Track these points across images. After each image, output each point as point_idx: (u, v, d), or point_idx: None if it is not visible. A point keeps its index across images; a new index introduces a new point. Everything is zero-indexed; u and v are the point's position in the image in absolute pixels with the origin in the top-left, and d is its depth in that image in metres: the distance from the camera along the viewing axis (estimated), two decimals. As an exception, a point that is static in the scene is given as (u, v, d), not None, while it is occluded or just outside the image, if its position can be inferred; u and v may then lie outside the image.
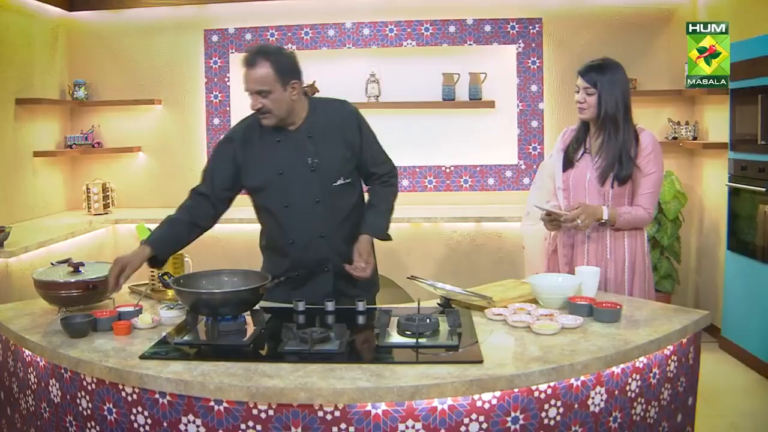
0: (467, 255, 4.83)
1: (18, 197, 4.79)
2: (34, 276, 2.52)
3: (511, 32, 5.09)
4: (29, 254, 3.90)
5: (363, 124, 2.75)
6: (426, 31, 5.12)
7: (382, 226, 2.75)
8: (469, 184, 5.22)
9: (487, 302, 2.42)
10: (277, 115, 2.59)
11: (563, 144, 3.03)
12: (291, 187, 2.65)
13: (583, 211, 2.76)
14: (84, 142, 5.30)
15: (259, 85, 2.53)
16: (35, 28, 5.02)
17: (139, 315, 2.36)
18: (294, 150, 2.65)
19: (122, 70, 5.42)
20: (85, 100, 5.33)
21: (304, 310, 2.47)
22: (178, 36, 5.36)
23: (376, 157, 2.78)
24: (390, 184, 2.82)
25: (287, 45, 5.17)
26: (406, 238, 4.83)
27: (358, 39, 5.16)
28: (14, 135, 4.75)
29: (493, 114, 5.18)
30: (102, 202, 5.14)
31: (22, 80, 4.83)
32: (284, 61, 2.55)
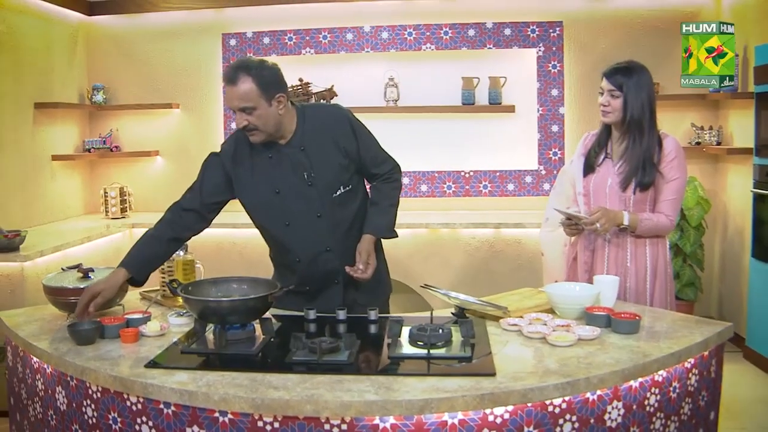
0: (486, 262, 4.77)
1: (36, 201, 4.82)
2: (44, 282, 2.51)
3: (531, 36, 5.02)
4: (44, 258, 3.91)
5: (357, 127, 2.65)
6: (445, 34, 5.08)
7: (384, 225, 2.66)
8: (489, 190, 5.17)
9: (502, 312, 2.37)
10: (265, 131, 2.49)
11: (584, 149, 2.97)
12: (290, 204, 2.57)
13: (603, 214, 2.71)
14: (102, 146, 5.32)
15: (242, 102, 2.41)
16: (55, 32, 5.05)
17: (147, 322, 2.33)
18: (288, 165, 2.57)
19: (140, 74, 5.44)
20: (103, 104, 5.35)
21: (314, 319, 2.43)
22: (196, 40, 5.36)
23: (376, 157, 2.70)
24: (393, 179, 2.74)
25: (305, 49, 5.16)
26: (424, 244, 4.78)
27: (376, 43, 5.13)
28: (33, 139, 4.78)
29: (513, 118, 5.13)
30: (120, 206, 5.14)
31: (41, 84, 4.87)
32: (267, 75, 2.44)
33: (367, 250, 2.58)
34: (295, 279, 2.60)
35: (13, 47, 4.57)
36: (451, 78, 5.12)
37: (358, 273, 2.53)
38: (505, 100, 5.08)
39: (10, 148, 4.55)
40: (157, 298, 2.74)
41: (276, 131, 2.52)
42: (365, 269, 2.54)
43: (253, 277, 2.42)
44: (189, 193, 2.69)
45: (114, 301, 2.49)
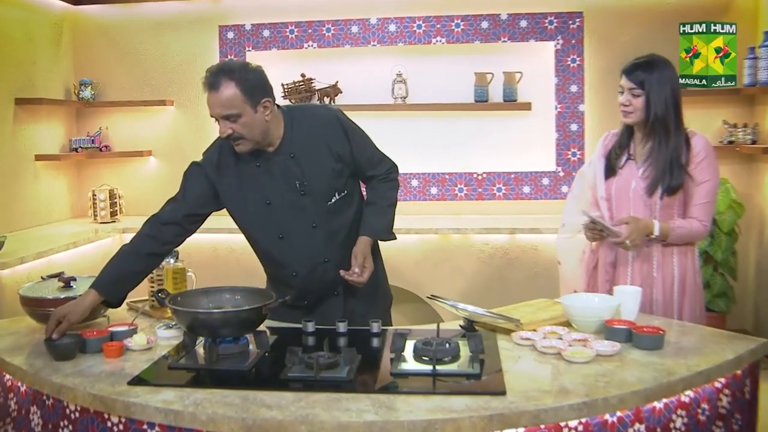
0: (500, 269, 4.75)
1: (18, 204, 4.81)
2: (20, 292, 2.50)
3: (549, 28, 5.00)
4: (25, 266, 3.89)
5: (349, 127, 2.62)
6: (457, 27, 5.06)
7: (382, 226, 2.64)
8: (503, 193, 5.14)
9: (514, 325, 2.34)
10: (251, 139, 2.46)
11: (604, 150, 2.95)
12: (282, 216, 2.56)
13: (634, 229, 2.68)
14: (90, 146, 5.32)
15: (225, 110, 2.39)
16: (37, 22, 5.04)
17: (133, 335, 2.32)
18: (278, 174, 2.55)
19: (132, 68, 5.44)
20: (91, 101, 5.35)
21: (313, 332, 2.42)
22: (192, 32, 5.36)
23: (372, 158, 2.69)
24: (390, 179, 2.73)
25: (308, 42, 5.15)
26: (433, 251, 4.76)
27: (383, 36, 5.11)
28: (14, 137, 4.78)
29: (529, 117, 5.11)
30: (109, 209, 5.15)
31: (23, 79, 4.85)
32: (251, 79, 2.40)
33: (363, 253, 2.56)
34: (292, 293, 2.56)
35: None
36: (463, 73, 5.09)
37: (354, 277, 2.51)
38: (520, 96, 5.05)
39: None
40: (144, 308, 2.73)
41: (263, 139, 2.50)
42: (361, 273, 2.52)
43: (247, 287, 2.42)
44: (169, 204, 2.67)
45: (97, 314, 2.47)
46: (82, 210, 5.44)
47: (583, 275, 3.01)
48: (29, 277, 3.80)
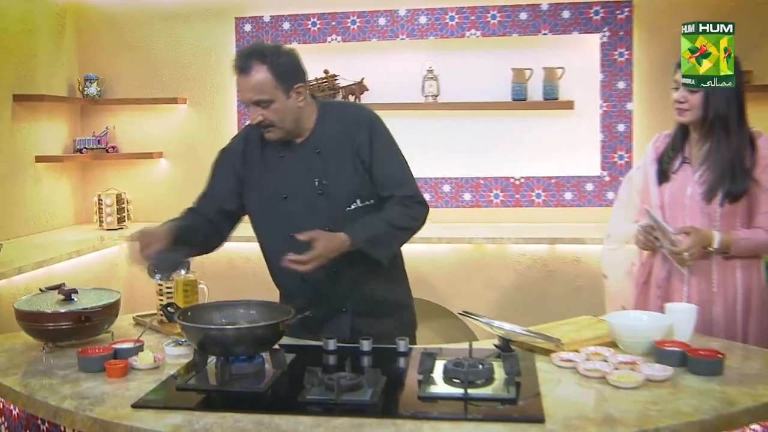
0: (538, 283, 4.72)
1: (16, 209, 4.84)
2: (16, 305, 2.51)
3: (595, 18, 4.96)
4: (23, 276, 3.91)
5: (377, 134, 2.62)
6: (493, 18, 5.04)
7: (363, 234, 2.52)
8: (543, 199, 5.11)
9: (555, 345, 2.32)
10: (282, 127, 2.52)
11: (655, 153, 2.92)
12: (296, 213, 2.58)
13: (695, 241, 2.64)
14: (96, 146, 5.35)
15: (256, 94, 2.46)
16: (37, 12, 5.08)
17: (139, 352, 2.32)
18: (300, 168, 2.59)
19: (141, 63, 5.47)
20: (97, 98, 5.39)
21: (334, 350, 2.42)
22: (206, 25, 5.38)
23: (391, 177, 2.62)
24: (407, 205, 2.62)
25: (331, 36, 5.16)
26: (467, 262, 4.74)
27: (413, 29, 5.11)
28: (12, 137, 4.80)
29: (572, 116, 5.07)
30: (116, 215, 5.17)
31: (22, 74, 4.88)
32: (285, 63, 2.47)
33: (325, 246, 2.46)
34: (300, 301, 2.58)
35: (-15, 31, 4.59)
36: (499, 69, 5.07)
37: (293, 264, 2.44)
38: (562, 94, 5.02)
39: (-16, 148, 4.57)
40: (152, 323, 2.74)
41: (295, 127, 2.55)
42: (305, 262, 2.44)
43: (263, 301, 2.42)
44: (201, 200, 2.75)
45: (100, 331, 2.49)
46: (87, 216, 5.47)
47: (631, 290, 2.98)
48: (27, 289, 3.81)
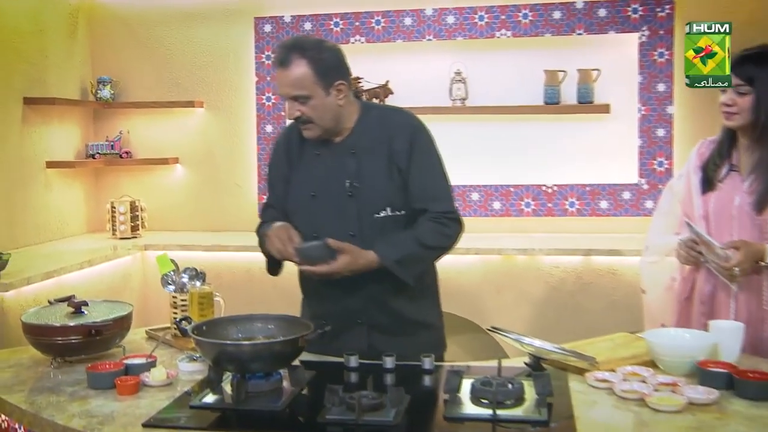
0: (572, 296, 4.68)
1: (26, 217, 4.87)
2: (23, 318, 2.53)
3: (633, 17, 4.93)
4: (32, 287, 3.93)
5: (419, 144, 2.62)
6: (524, 18, 5.02)
7: (392, 253, 2.53)
8: (576, 208, 5.08)
9: (589, 363, 2.30)
10: (321, 125, 2.57)
11: (699, 160, 2.89)
12: (322, 214, 2.61)
13: (746, 256, 2.60)
14: (109, 152, 5.40)
15: (295, 90, 2.51)
16: (49, 11, 5.12)
17: (151, 368, 2.33)
18: (332, 167, 2.62)
19: (156, 65, 5.51)
20: (111, 101, 5.42)
21: (356, 367, 2.42)
22: (224, 25, 5.41)
23: (427, 189, 2.62)
24: (441, 223, 2.61)
25: (355, 36, 5.17)
26: (496, 274, 4.72)
27: (440, 29, 5.10)
28: (21, 141, 4.84)
29: (608, 120, 5.04)
30: (130, 223, 5.19)
31: (32, 76, 4.92)
32: (326, 58, 2.52)
33: (348, 265, 2.47)
34: (318, 309, 2.65)
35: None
36: (531, 71, 5.06)
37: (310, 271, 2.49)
38: (597, 98, 4.99)
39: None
40: (165, 337, 2.74)
41: (334, 125, 2.59)
42: (322, 273, 2.47)
43: (281, 315, 2.43)
44: (266, 211, 2.85)
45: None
46: (100, 224, 5.50)
47: (672, 306, 2.95)
48: (36, 301, 3.84)
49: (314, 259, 2.43)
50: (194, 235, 5.25)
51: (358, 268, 2.49)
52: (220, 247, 4.87)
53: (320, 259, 2.42)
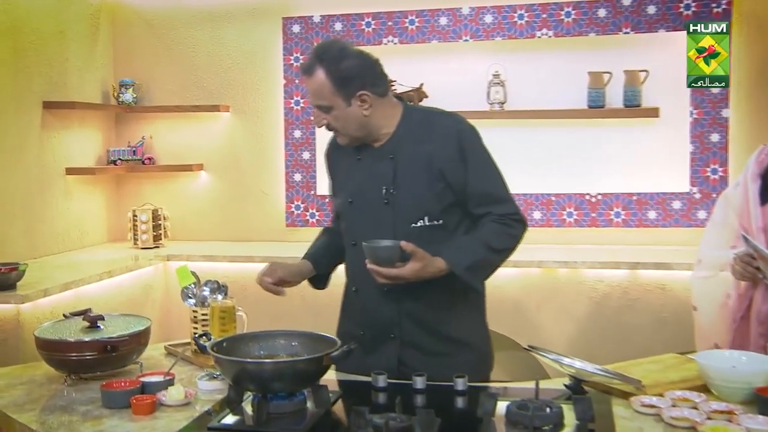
0: (617, 313, 4.63)
1: (44, 225, 4.90)
2: (36, 333, 2.54)
3: (685, 13, 4.87)
4: (49, 299, 3.95)
5: (471, 147, 2.61)
6: (567, 16, 4.99)
7: (462, 259, 2.53)
8: (622, 219, 5.03)
9: (635, 387, 2.26)
10: (347, 134, 2.61)
11: (759, 168, 2.86)
12: (357, 221, 2.65)
13: None
14: (131, 158, 5.43)
15: (317, 99, 2.57)
16: (70, 12, 5.16)
17: (168, 387, 2.32)
18: (370, 173, 2.64)
19: (180, 67, 5.55)
20: (133, 105, 5.47)
21: (384, 387, 2.40)
22: (251, 26, 5.43)
23: (490, 194, 2.62)
24: (506, 224, 2.62)
25: (387, 37, 5.16)
26: (536, 288, 4.68)
27: (477, 29, 5.09)
28: (41, 147, 4.88)
29: (657, 125, 4.99)
30: (152, 233, 5.23)
31: (52, 79, 4.97)
32: (346, 68, 2.52)
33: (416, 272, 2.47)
34: (353, 319, 2.70)
35: (14, 31, 4.65)
36: (574, 73, 5.02)
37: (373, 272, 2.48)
38: (645, 101, 4.95)
39: (11, 159, 4.63)
40: (184, 354, 2.74)
41: (364, 135, 2.61)
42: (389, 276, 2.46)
43: (306, 332, 2.41)
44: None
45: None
46: (121, 233, 5.53)
47: (726, 325, 2.91)
48: (53, 314, 3.86)
49: (382, 259, 2.44)
50: (219, 246, 5.27)
51: (426, 275, 2.49)
52: (245, 258, 4.87)
53: (388, 260, 2.43)
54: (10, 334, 3.80)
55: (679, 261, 4.46)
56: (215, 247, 5.21)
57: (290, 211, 5.40)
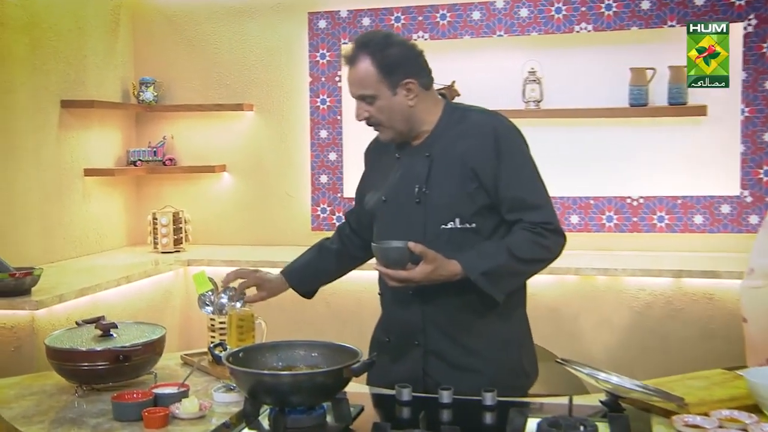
0: (661, 324, 4.58)
1: (61, 228, 4.93)
2: (46, 341, 2.54)
3: (738, 4, 4.80)
4: (64, 305, 3.97)
5: (508, 146, 2.58)
6: (608, 9, 4.95)
7: (479, 264, 2.48)
8: (666, 223, 4.98)
9: (677, 405, 2.21)
10: (391, 126, 2.61)
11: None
12: (388, 221, 2.66)
13: None
14: (152, 158, 5.46)
15: (360, 89, 2.58)
16: (89, 8, 5.20)
17: (182, 399, 2.31)
18: (405, 172, 2.65)
19: (203, 65, 5.57)
20: (153, 104, 5.50)
21: (409, 401, 2.38)
22: (275, 21, 5.45)
23: (522, 200, 2.57)
24: (538, 233, 2.56)
25: (418, 32, 5.15)
26: (573, 296, 4.65)
27: (512, 23, 5.06)
28: (58, 147, 4.91)
29: (705, 124, 4.95)
30: (172, 236, 5.25)
31: (70, 77, 5.00)
32: (392, 54, 2.55)
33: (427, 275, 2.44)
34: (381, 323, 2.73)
35: (31, 27, 4.69)
36: (614, 70, 4.99)
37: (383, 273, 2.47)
38: (692, 98, 4.90)
39: (27, 159, 4.67)
40: (200, 364, 2.73)
41: (406, 128, 2.62)
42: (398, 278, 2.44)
43: (327, 343, 2.39)
44: (346, 217, 3.04)
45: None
46: (141, 236, 5.57)
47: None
48: (68, 320, 3.87)
49: (392, 261, 2.44)
50: (241, 250, 5.29)
51: (438, 278, 2.47)
52: (268, 263, 4.85)
53: (398, 262, 2.42)
54: (25, 342, 3.81)
55: (728, 269, 4.42)
56: (237, 251, 5.23)
57: (316, 214, 5.40)
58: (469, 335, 2.60)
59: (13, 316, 3.82)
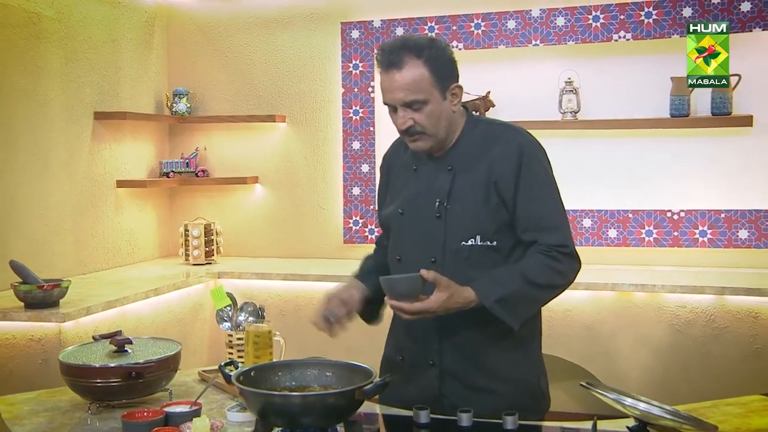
0: (702, 343, 4.49)
1: (94, 240, 4.97)
2: (60, 357, 2.52)
3: (786, 10, 4.74)
4: (91, 318, 3.97)
5: (529, 162, 2.51)
6: (647, 17, 4.88)
7: (493, 292, 2.42)
8: (708, 238, 4.89)
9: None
10: (433, 134, 2.50)
11: None
12: (406, 234, 2.59)
13: None
14: (184, 170, 5.48)
15: (411, 94, 2.44)
16: (123, 20, 5.24)
17: (194, 417, 2.25)
18: (425, 184, 2.58)
19: (235, 76, 5.59)
20: (186, 116, 5.52)
21: (426, 423, 2.32)
22: (308, 32, 5.45)
23: (538, 219, 2.50)
24: (552, 257, 2.48)
25: (452, 42, 5.13)
26: (610, 313, 4.58)
27: (549, 32, 5.02)
28: (91, 159, 4.95)
29: (750, 135, 4.87)
30: (204, 248, 5.26)
31: (104, 89, 5.04)
32: (443, 58, 2.47)
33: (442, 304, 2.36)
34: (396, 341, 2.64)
35: (66, 39, 4.74)
36: (655, 80, 4.94)
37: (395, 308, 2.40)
38: (737, 108, 4.83)
39: (61, 171, 4.71)
40: (215, 381, 2.67)
41: (446, 134, 2.55)
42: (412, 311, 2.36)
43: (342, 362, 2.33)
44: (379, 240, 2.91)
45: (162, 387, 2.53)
46: (172, 248, 5.59)
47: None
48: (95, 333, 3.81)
49: (403, 293, 2.35)
50: (273, 263, 5.29)
51: (453, 306, 2.40)
52: (299, 276, 4.85)
53: (410, 294, 2.34)
54: (52, 354, 3.78)
55: (775, 286, 4.36)
56: (269, 264, 5.23)
57: (348, 226, 5.36)
58: (487, 355, 2.54)
59: (41, 328, 3.84)
